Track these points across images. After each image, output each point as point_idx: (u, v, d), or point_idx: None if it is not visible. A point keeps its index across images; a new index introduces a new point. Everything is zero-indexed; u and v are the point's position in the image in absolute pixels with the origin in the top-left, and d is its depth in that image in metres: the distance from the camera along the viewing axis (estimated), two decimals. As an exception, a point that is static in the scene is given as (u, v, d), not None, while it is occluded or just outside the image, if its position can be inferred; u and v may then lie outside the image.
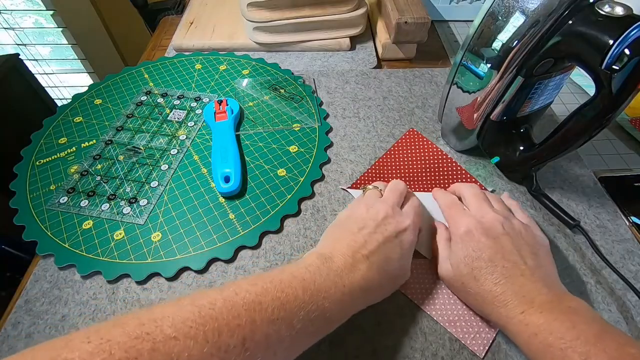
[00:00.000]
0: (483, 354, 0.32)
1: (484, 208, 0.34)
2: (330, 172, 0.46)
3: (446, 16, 0.73)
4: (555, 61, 0.35)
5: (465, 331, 0.33)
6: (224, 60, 0.61)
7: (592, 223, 0.41)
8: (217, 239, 0.39)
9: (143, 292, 0.36)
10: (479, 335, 0.33)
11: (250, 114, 0.52)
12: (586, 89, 0.58)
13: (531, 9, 0.33)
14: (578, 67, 0.34)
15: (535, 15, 0.33)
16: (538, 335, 0.27)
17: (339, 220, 0.36)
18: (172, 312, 0.23)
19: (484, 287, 0.30)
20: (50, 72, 1.37)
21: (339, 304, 0.28)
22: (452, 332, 0.33)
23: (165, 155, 0.47)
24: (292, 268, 0.29)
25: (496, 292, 0.30)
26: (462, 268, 0.32)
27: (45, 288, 0.37)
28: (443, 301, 0.35)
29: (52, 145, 0.48)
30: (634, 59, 0.29)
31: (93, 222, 0.40)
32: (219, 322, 0.23)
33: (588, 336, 0.25)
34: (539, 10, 0.33)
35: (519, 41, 0.34)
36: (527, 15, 0.33)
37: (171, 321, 0.22)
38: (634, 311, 0.35)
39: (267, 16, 0.58)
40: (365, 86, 0.57)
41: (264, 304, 0.25)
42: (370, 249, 0.31)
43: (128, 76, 0.58)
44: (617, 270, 0.35)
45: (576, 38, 0.32)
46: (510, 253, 0.31)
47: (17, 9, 1.19)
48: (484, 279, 0.31)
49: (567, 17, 0.32)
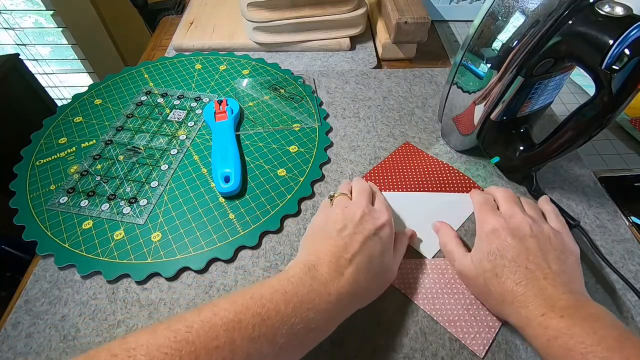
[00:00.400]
0: (483, 353, 0.32)
1: (514, 209, 0.34)
2: (330, 172, 0.46)
3: (446, 16, 0.73)
4: (555, 61, 0.35)
5: (465, 331, 0.33)
6: (224, 60, 0.61)
7: (592, 223, 0.41)
8: (217, 239, 0.39)
9: (143, 292, 0.36)
10: (478, 335, 0.33)
11: (250, 114, 0.52)
12: (586, 89, 0.58)
13: (531, 9, 0.33)
14: (578, 67, 0.34)
15: (535, 15, 0.33)
16: (558, 339, 0.26)
17: (314, 227, 0.35)
18: (147, 339, 0.22)
19: (505, 286, 0.30)
20: (50, 72, 1.37)
21: (324, 313, 0.27)
22: (452, 332, 0.33)
23: (165, 155, 0.47)
24: (273, 281, 0.28)
25: (517, 292, 0.29)
26: (485, 264, 0.32)
27: (45, 288, 0.37)
28: (443, 301, 0.35)
29: (52, 145, 0.48)
30: (634, 59, 0.29)
31: (93, 222, 0.40)
32: (195, 345, 0.22)
33: (609, 342, 0.25)
34: (539, 10, 0.33)
35: (519, 41, 0.34)
36: (527, 15, 0.33)
37: (145, 349, 0.21)
38: (634, 311, 0.35)
39: (267, 16, 0.58)
40: (365, 86, 0.57)
41: (243, 322, 0.24)
42: (353, 250, 0.31)
43: (128, 76, 0.58)
44: (617, 270, 0.35)
45: (576, 38, 0.32)
46: (535, 256, 0.31)
47: (17, 9, 1.19)
48: (506, 277, 0.30)
49: (567, 17, 0.32)
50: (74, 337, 0.34)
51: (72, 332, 0.34)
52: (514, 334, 0.33)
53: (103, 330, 0.34)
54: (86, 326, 0.34)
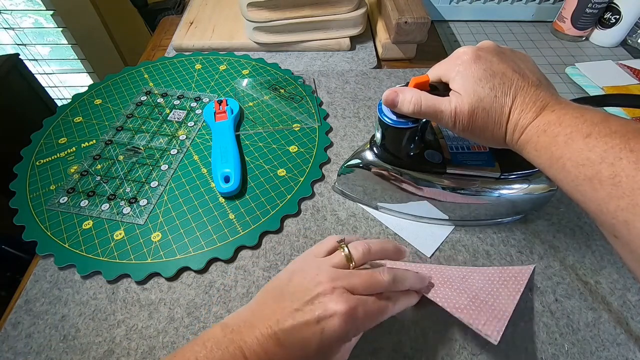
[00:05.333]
0: (497, 339, 0.29)
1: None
2: (330, 172, 0.46)
3: (446, 16, 0.73)
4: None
5: (475, 317, 0.31)
6: (224, 60, 0.61)
7: (592, 223, 0.41)
8: (217, 239, 0.39)
9: (143, 292, 0.36)
10: (490, 322, 0.30)
11: (250, 114, 0.52)
12: (586, 88, 0.58)
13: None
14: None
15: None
16: (547, 131, 0.27)
17: (281, 279, 0.30)
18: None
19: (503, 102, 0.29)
20: (50, 72, 1.37)
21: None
22: (460, 319, 0.30)
23: (165, 155, 0.47)
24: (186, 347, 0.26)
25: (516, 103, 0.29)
26: (479, 90, 0.30)
27: (45, 288, 0.37)
28: (447, 293, 0.33)
29: (52, 145, 0.48)
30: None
31: (93, 222, 0.40)
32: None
33: (594, 119, 0.25)
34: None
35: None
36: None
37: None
38: (633, 311, 0.35)
39: (267, 16, 0.58)
40: (365, 86, 0.57)
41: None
42: (283, 327, 0.26)
43: (128, 76, 0.58)
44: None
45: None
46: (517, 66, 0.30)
47: (17, 9, 1.19)
48: (502, 93, 0.29)
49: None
50: (74, 337, 0.34)
51: (72, 332, 0.34)
52: (514, 333, 0.33)
53: (103, 330, 0.34)
54: (86, 326, 0.34)
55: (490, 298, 0.33)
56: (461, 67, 0.30)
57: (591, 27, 0.67)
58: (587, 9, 0.63)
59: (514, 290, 0.34)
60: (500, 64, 0.30)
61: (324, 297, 0.26)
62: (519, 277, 0.35)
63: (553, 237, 0.40)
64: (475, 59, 0.30)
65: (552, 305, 0.35)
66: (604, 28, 0.66)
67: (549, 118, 0.27)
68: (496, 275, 0.36)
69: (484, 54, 0.31)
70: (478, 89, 0.30)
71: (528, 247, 0.39)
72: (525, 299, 0.36)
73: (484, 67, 0.30)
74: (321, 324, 0.26)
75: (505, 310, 0.32)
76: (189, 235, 0.40)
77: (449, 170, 0.36)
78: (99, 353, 0.33)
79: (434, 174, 0.37)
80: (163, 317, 0.35)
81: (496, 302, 0.33)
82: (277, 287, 0.29)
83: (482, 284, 0.35)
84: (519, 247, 0.39)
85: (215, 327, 0.27)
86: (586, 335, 0.34)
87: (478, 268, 0.37)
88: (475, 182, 0.37)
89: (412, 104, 0.32)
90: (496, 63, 0.30)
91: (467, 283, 0.35)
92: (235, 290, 0.36)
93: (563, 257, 0.39)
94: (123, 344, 0.33)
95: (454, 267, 0.37)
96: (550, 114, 0.27)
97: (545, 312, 0.35)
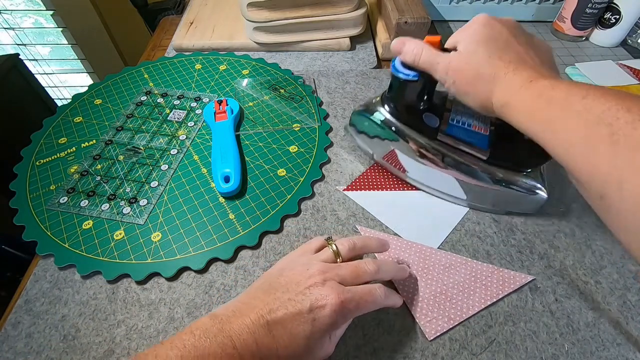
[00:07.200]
0: (432, 337, 0.33)
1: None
2: (330, 172, 0.46)
3: (446, 16, 0.73)
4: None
5: (423, 313, 0.34)
6: (224, 60, 0.61)
7: (592, 223, 0.41)
8: (217, 239, 0.39)
9: (143, 292, 0.36)
10: (434, 320, 0.34)
11: (250, 114, 0.52)
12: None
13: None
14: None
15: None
16: (542, 94, 0.27)
17: (271, 274, 0.31)
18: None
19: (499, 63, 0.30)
20: (50, 72, 1.37)
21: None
22: (410, 310, 0.34)
23: (165, 155, 0.47)
24: (176, 336, 0.26)
25: (510, 67, 0.30)
26: (479, 50, 0.31)
27: (45, 288, 0.37)
28: (415, 284, 0.36)
29: (52, 145, 0.48)
30: None
31: (93, 222, 0.40)
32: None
33: (587, 86, 0.26)
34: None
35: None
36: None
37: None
38: (633, 311, 0.35)
39: (267, 16, 0.58)
40: (365, 86, 0.57)
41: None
42: (275, 317, 0.26)
43: (128, 76, 0.58)
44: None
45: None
46: (523, 45, 0.31)
47: (17, 9, 1.19)
48: (499, 57, 0.30)
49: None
50: (74, 337, 0.34)
51: (72, 332, 0.34)
52: (514, 333, 0.33)
53: (103, 330, 0.34)
54: (86, 326, 0.34)
55: (460, 295, 0.35)
56: (470, 30, 0.32)
57: (591, 27, 0.67)
58: (587, 9, 0.63)
59: (493, 294, 0.36)
60: (509, 37, 0.31)
61: (316, 289, 0.27)
62: (508, 282, 0.37)
63: (553, 237, 0.40)
64: (485, 24, 0.32)
65: (552, 305, 0.35)
66: (604, 28, 0.66)
67: (543, 83, 0.28)
68: (485, 273, 0.37)
69: (497, 24, 0.32)
70: (477, 48, 0.31)
71: (528, 247, 0.39)
72: (525, 299, 0.36)
73: (490, 33, 0.31)
74: (313, 313, 0.27)
75: (464, 312, 0.35)
76: (189, 235, 0.40)
77: (440, 137, 0.38)
78: (99, 353, 0.33)
79: (425, 137, 0.39)
80: (163, 317, 0.35)
81: (462, 301, 0.35)
82: (267, 281, 0.30)
83: (463, 278, 0.37)
84: (519, 247, 0.39)
85: (204, 318, 0.27)
86: (586, 335, 0.34)
87: (470, 260, 0.38)
88: (461, 159, 0.38)
89: (413, 55, 0.34)
90: (505, 34, 0.31)
91: (447, 273, 0.37)
92: (235, 290, 0.36)
93: (563, 257, 0.39)
94: (123, 343, 0.33)
95: (445, 252, 0.38)
96: (543, 81, 0.28)
97: (545, 312, 0.35)
